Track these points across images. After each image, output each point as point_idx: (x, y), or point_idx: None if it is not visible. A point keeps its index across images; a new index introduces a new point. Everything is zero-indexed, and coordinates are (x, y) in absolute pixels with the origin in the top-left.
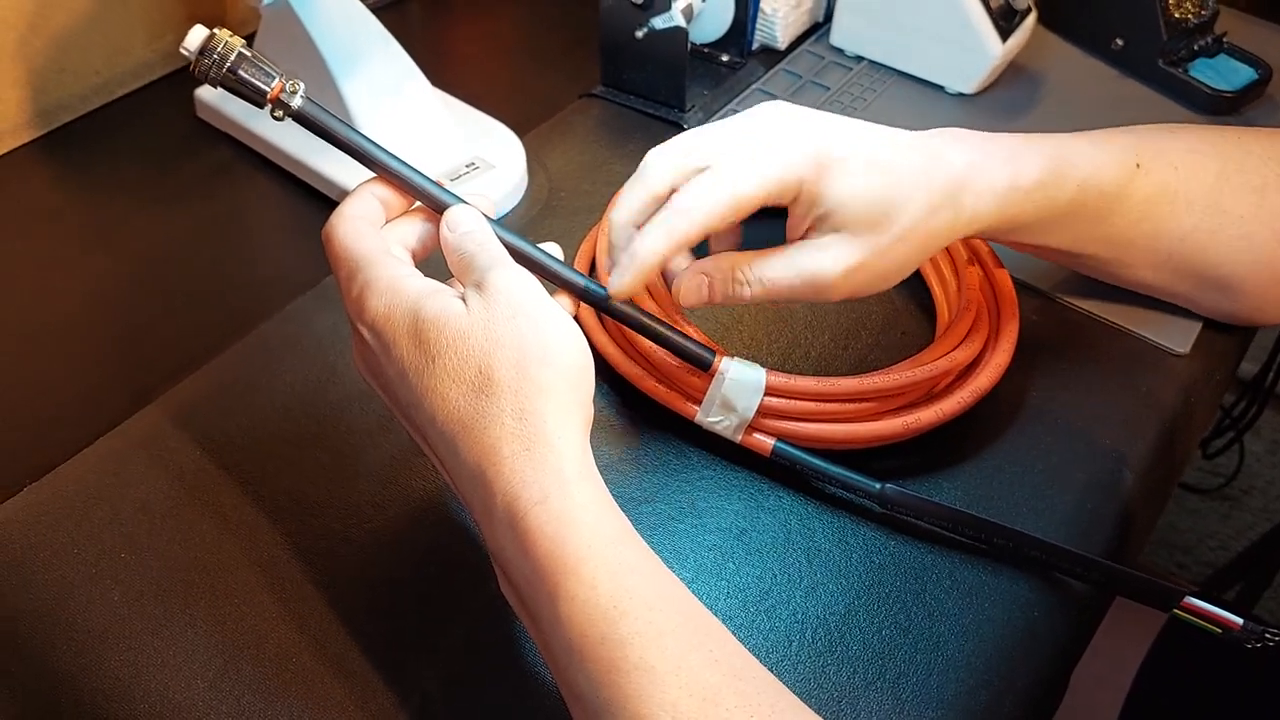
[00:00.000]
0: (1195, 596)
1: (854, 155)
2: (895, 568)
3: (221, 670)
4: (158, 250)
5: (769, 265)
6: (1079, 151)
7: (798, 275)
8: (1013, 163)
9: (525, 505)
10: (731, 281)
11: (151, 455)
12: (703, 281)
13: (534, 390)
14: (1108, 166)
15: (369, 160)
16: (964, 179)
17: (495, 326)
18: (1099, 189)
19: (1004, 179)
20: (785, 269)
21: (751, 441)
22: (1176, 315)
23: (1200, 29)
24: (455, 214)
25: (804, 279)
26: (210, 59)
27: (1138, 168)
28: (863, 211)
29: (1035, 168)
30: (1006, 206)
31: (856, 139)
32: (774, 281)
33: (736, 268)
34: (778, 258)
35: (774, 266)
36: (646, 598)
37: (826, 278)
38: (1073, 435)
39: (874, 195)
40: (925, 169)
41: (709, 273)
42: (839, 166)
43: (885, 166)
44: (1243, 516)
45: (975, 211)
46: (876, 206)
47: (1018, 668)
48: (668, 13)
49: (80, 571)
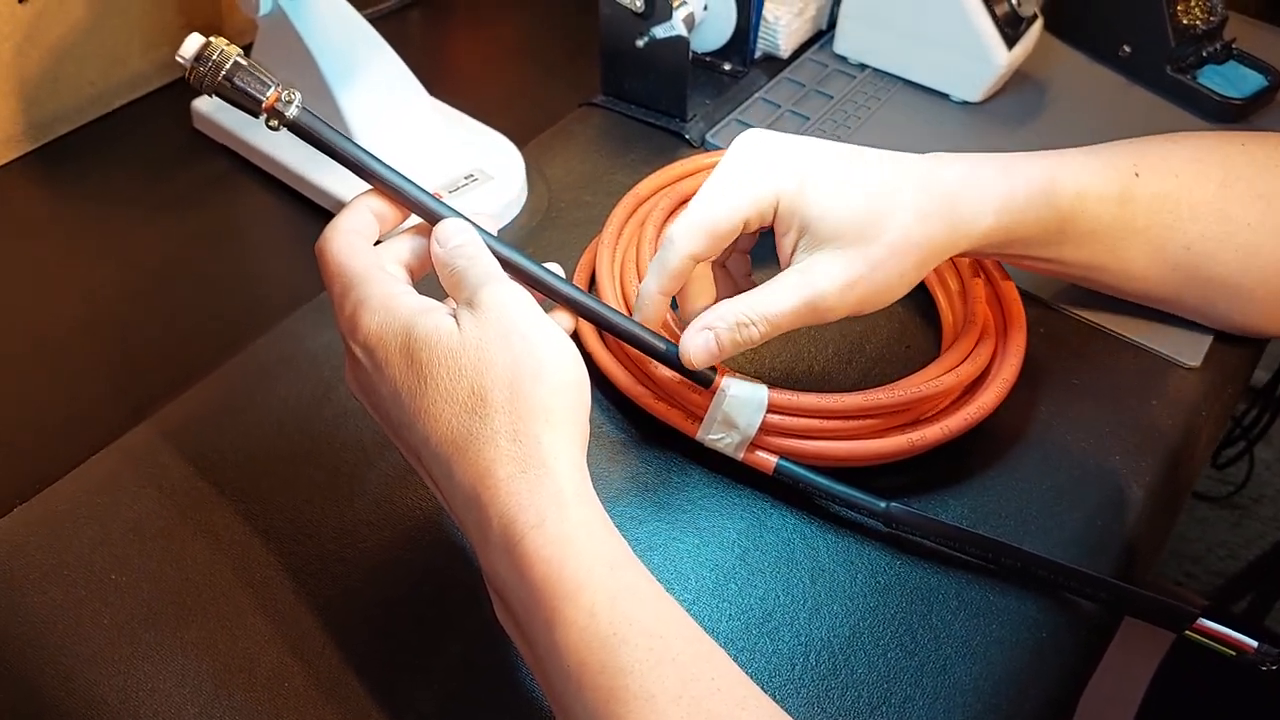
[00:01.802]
0: (1207, 616)
1: (831, 168)
2: (901, 588)
3: (213, 695)
4: (153, 263)
5: (768, 299)
6: (1075, 161)
7: (798, 300)
8: (1007, 174)
9: (521, 529)
10: (737, 326)
11: (143, 474)
12: (709, 336)
13: (528, 410)
14: (1104, 174)
15: (364, 172)
16: (957, 190)
17: (487, 345)
18: (1098, 196)
19: (999, 189)
20: (784, 298)
21: (754, 459)
22: (1187, 328)
23: (1209, 35)
24: (445, 228)
25: (804, 302)
26: (205, 67)
27: (1136, 176)
28: (846, 222)
29: (1031, 177)
30: (1004, 216)
31: (834, 156)
32: (777, 313)
33: (737, 312)
34: (774, 288)
35: (773, 299)
36: (646, 624)
37: (825, 297)
38: (1081, 451)
39: (855, 205)
40: (915, 177)
41: (711, 325)
42: (816, 178)
43: (863, 178)
44: (1252, 525)
45: (973, 222)
46: (860, 215)
47: (1026, 690)
48: (669, 21)
49: (69, 594)
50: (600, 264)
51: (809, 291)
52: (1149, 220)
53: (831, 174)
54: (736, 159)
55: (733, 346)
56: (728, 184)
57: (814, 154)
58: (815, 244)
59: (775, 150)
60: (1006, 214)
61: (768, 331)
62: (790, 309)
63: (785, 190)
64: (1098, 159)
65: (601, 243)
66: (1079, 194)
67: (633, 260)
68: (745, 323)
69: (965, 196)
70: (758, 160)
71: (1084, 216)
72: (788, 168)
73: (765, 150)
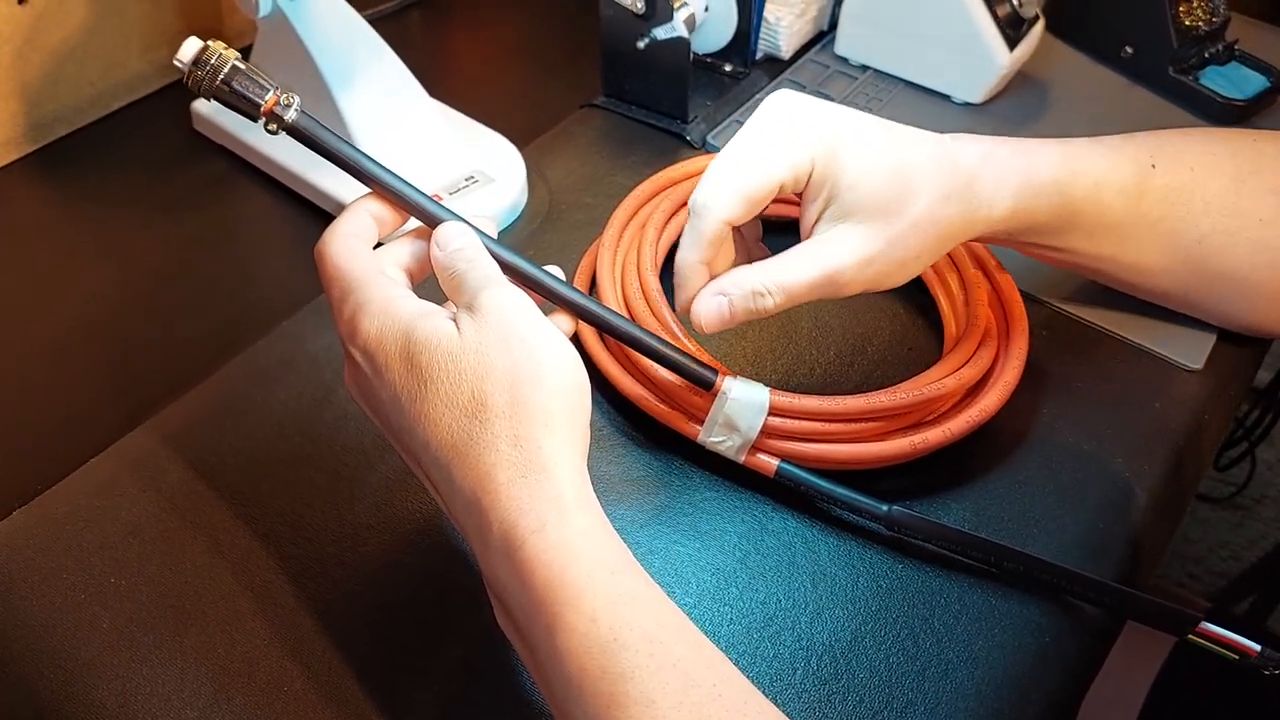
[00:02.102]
0: (1210, 620)
1: (868, 136)
2: (903, 592)
3: (212, 699)
4: (153, 265)
5: (785, 269)
6: (1092, 151)
7: (817, 272)
8: (1026, 157)
9: (522, 534)
10: (752, 295)
11: (142, 477)
12: (722, 302)
13: (528, 415)
14: (1122, 164)
15: (363, 175)
16: (977, 170)
17: (487, 349)
18: (1115, 186)
19: (1018, 172)
20: (801, 269)
21: (755, 462)
22: (1189, 329)
23: (1211, 36)
24: (445, 231)
25: (821, 274)
26: (204, 71)
27: (1153, 167)
28: (874, 194)
29: (1049, 163)
30: (1021, 201)
31: (869, 123)
32: (794, 284)
33: (754, 281)
34: (792, 259)
35: (790, 269)
36: (647, 629)
37: (843, 271)
38: (1083, 454)
39: (887, 176)
40: (937, 156)
41: (726, 291)
42: (853, 145)
43: (897, 149)
44: (1254, 526)
45: (991, 205)
46: (890, 189)
47: (1029, 694)
48: (670, 22)
49: (68, 598)
50: (601, 266)
51: (828, 264)
52: (1162, 212)
53: (864, 142)
54: (769, 119)
55: (745, 315)
56: (762, 145)
57: (848, 120)
58: (840, 215)
59: (810, 112)
60: (1025, 199)
61: (782, 303)
62: (807, 281)
63: (820, 154)
64: (1116, 151)
65: (603, 245)
66: (1096, 184)
67: (634, 263)
68: (761, 292)
69: (984, 179)
70: (793, 121)
71: (1099, 207)
72: (823, 131)
73: (800, 112)
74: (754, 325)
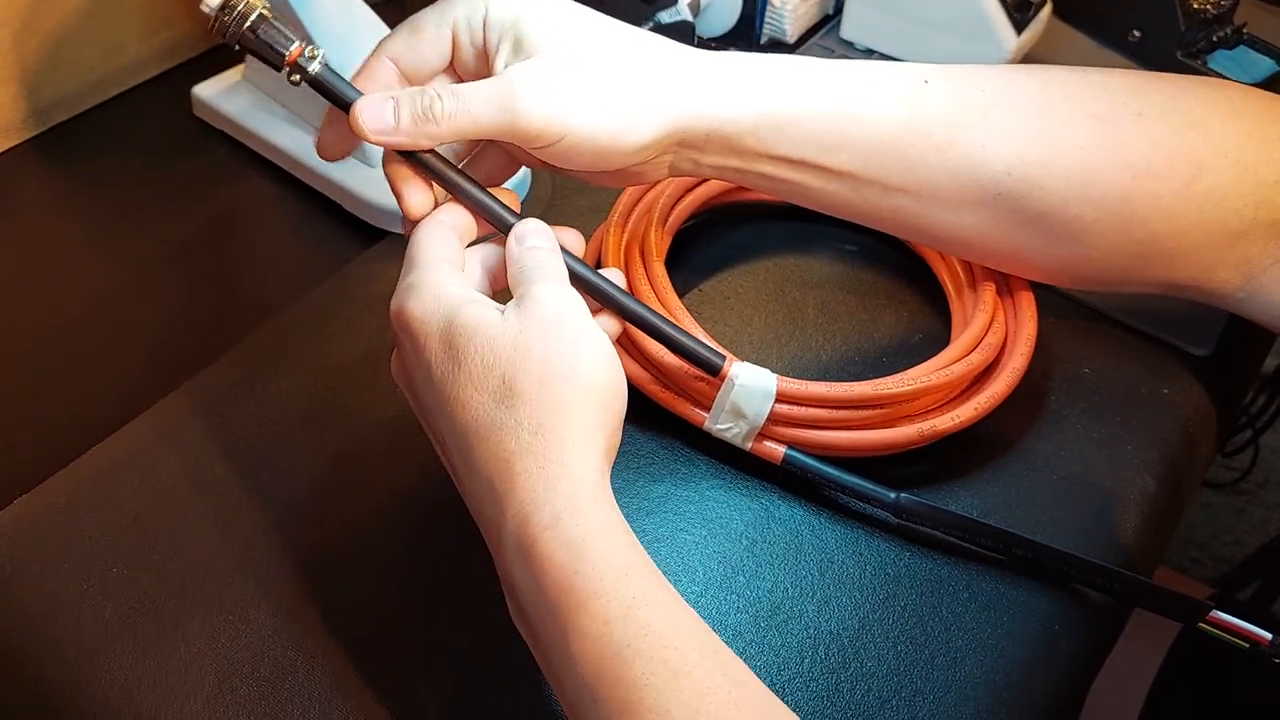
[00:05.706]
0: (1220, 609)
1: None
2: (911, 580)
3: (216, 689)
4: (153, 252)
5: (464, 86)
6: (855, 63)
7: (490, 85)
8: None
9: (535, 529)
10: (420, 93)
11: (144, 466)
12: (390, 105)
13: (554, 405)
14: (888, 75)
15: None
16: (714, 60)
17: (526, 338)
18: (880, 93)
19: (763, 63)
20: (477, 87)
21: (762, 449)
22: (1197, 315)
23: (1219, 20)
24: (527, 225)
25: (494, 88)
26: (230, 16)
27: (926, 83)
28: (559, 27)
29: (801, 63)
30: (772, 88)
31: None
32: (466, 91)
33: (426, 88)
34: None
35: (466, 86)
36: (662, 634)
37: (517, 93)
38: (1092, 441)
39: (573, 15)
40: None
41: (397, 94)
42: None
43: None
44: (1258, 511)
45: (728, 87)
46: (567, 21)
47: (1037, 683)
48: (674, 6)
49: (70, 587)
50: (606, 251)
51: (502, 83)
52: (951, 135)
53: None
54: None
55: (411, 122)
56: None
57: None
58: (525, 53)
59: None
60: (777, 87)
61: (455, 110)
62: (483, 94)
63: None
64: (886, 66)
65: (608, 230)
66: (853, 82)
67: (637, 249)
68: (433, 94)
69: (723, 64)
70: None
71: (866, 113)
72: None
73: None
74: (760, 312)
